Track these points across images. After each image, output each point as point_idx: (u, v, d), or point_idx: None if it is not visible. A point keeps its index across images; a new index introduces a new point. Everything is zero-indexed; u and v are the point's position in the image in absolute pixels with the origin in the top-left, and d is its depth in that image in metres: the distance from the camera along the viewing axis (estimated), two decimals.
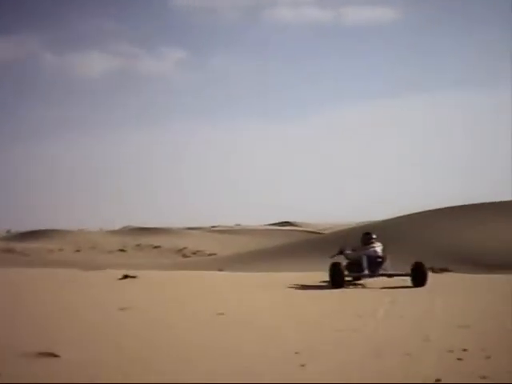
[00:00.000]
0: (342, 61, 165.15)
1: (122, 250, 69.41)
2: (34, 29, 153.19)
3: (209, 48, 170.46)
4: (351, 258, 16.07)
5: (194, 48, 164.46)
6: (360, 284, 15.55)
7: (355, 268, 15.49)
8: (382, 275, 15.37)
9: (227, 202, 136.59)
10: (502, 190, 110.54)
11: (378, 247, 16.05)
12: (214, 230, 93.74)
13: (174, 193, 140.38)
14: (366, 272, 15.37)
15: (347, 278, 15.19)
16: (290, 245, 43.64)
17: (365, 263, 15.42)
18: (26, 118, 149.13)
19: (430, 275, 15.45)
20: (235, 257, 43.81)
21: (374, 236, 16.35)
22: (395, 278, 15.19)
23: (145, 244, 73.27)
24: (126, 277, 15.03)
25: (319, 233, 69.42)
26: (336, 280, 14.78)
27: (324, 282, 15.29)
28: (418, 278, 14.84)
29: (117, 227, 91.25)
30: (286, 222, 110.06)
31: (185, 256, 64.28)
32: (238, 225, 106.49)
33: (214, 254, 60.64)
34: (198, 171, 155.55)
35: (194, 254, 65.83)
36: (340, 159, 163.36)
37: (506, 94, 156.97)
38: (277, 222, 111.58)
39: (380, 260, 15.68)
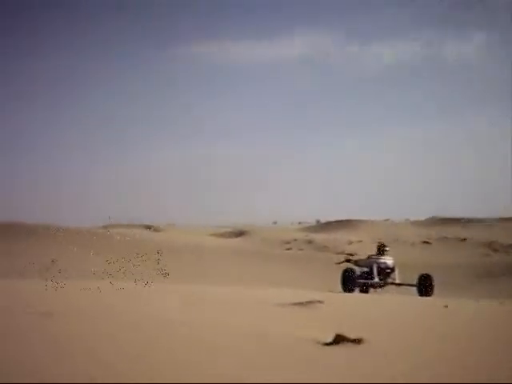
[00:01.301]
0: None
1: (425, 243, 61.92)
2: (335, 23, 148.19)
3: None
4: (363, 265, 17.29)
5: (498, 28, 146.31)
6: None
7: (366, 275, 16.75)
8: (391, 284, 16.92)
9: None
10: None
11: (389, 259, 17.69)
12: None
13: (483, 180, 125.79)
14: (376, 280, 16.81)
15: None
16: None
17: (375, 272, 16.88)
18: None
19: None
20: None
21: (387, 248, 17.70)
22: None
23: (451, 236, 64.06)
24: None
25: None
26: (347, 285, 16.38)
27: None
28: (424, 289, 16.57)
29: (423, 218, 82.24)
30: None
31: (494, 250, 54.60)
32: None
33: None
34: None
35: (505, 249, 55.06)
36: None
37: None
38: None
39: (388, 271, 17.12)
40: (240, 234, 63.65)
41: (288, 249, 53.95)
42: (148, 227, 62.19)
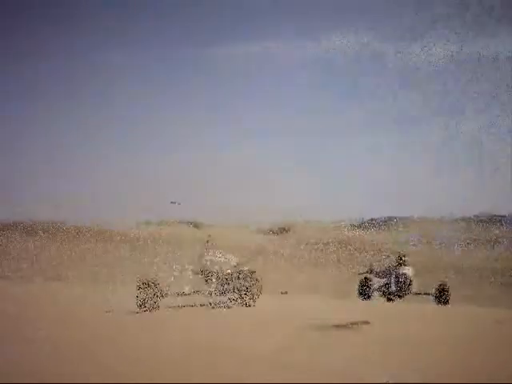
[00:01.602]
0: None
1: (474, 242, 59.69)
2: (370, 25, 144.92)
3: None
4: (382, 276, 17.55)
5: None
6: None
7: (385, 285, 17.20)
8: (408, 293, 17.19)
9: None
10: None
11: (408, 270, 17.53)
12: None
13: None
14: (393, 289, 17.19)
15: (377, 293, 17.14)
16: None
17: (393, 282, 17.11)
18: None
19: None
20: None
21: (407, 259, 17.74)
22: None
23: (500, 236, 61.53)
24: None
25: None
26: (362, 294, 17.23)
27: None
28: (441, 297, 16.66)
29: (470, 215, 79.18)
30: None
31: None
32: None
33: None
34: None
35: None
36: None
37: None
38: None
39: (407, 281, 17.18)
40: (279, 232, 61.88)
41: (327, 249, 52.07)
42: (190, 223, 60.94)
